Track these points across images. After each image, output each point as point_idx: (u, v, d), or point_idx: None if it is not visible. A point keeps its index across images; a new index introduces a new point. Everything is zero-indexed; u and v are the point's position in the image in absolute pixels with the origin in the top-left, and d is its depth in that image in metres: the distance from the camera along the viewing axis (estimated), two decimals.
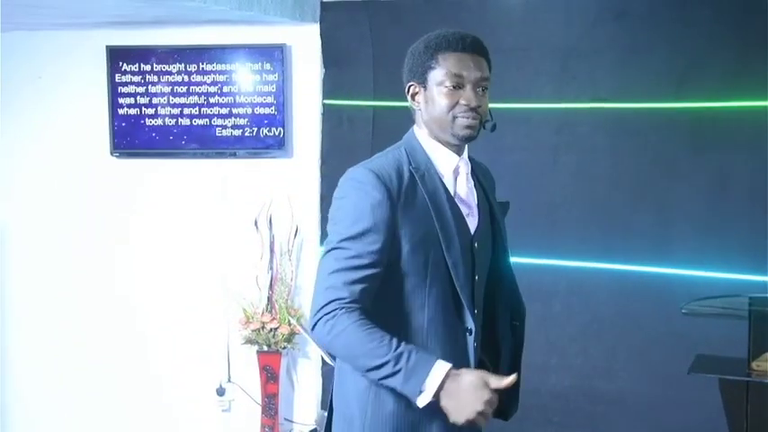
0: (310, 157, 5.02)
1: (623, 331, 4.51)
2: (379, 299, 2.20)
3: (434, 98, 2.27)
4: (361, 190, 2.19)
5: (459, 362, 2.20)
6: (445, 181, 2.30)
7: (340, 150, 4.88)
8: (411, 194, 2.22)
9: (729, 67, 4.36)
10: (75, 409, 5.33)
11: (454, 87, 2.26)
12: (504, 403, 2.37)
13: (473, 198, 2.36)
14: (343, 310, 2.11)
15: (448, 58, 2.26)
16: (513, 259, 2.49)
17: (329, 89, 4.96)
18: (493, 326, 2.43)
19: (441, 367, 2.09)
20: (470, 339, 2.28)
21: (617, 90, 4.53)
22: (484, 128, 2.31)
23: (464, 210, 2.32)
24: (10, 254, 5.40)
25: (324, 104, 4.98)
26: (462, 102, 2.26)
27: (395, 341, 2.09)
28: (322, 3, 4.96)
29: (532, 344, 4.50)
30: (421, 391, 2.08)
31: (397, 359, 2.08)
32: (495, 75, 2.41)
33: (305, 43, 5.00)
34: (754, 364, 3.87)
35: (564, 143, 4.62)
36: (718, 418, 4.11)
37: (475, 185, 2.39)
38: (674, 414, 4.39)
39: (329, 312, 2.12)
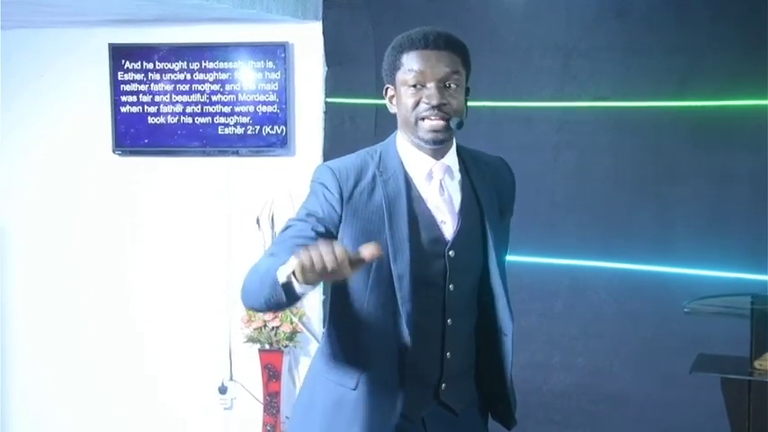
0: (313, 155, 5.02)
1: (625, 330, 4.51)
2: (334, 291, 2.28)
3: (401, 98, 2.26)
4: (316, 183, 2.27)
5: (385, 375, 2.23)
6: (418, 185, 2.27)
7: (342, 148, 4.81)
8: (367, 197, 2.22)
9: (730, 65, 4.35)
10: (77, 407, 5.33)
11: (416, 86, 2.23)
12: (500, 410, 2.41)
13: (453, 204, 2.30)
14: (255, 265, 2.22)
15: (410, 56, 2.24)
16: (514, 258, 2.46)
17: (331, 87, 4.96)
18: (484, 333, 2.38)
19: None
20: (402, 355, 2.24)
21: (618, 89, 4.53)
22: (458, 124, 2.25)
23: (438, 216, 2.28)
24: (11, 253, 5.41)
25: (326, 102, 4.98)
26: (424, 100, 2.22)
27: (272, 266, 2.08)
28: (324, 1, 4.96)
29: (534, 343, 4.57)
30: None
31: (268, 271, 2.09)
32: (496, 74, 2.41)
33: (307, 41, 5.00)
34: (756, 363, 3.87)
35: (565, 142, 4.61)
36: (720, 417, 4.12)
37: (464, 188, 2.33)
38: (675, 413, 4.38)
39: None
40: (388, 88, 2.33)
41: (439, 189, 2.29)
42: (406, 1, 4.80)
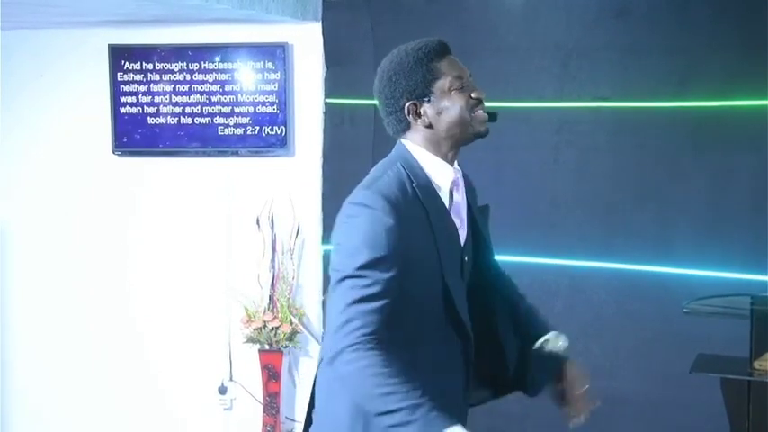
0: (312, 155, 5.03)
1: (624, 330, 4.51)
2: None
3: (447, 105, 2.25)
4: (372, 215, 2.14)
5: (454, 373, 2.24)
6: (441, 195, 2.29)
7: (342, 149, 4.89)
8: (414, 211, 2.20)
9: (730, 66, 4.35)
10: (77, 407, 5.33)
11: (459, 89, 2.27)
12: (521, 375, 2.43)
13: (464, 210, 2.35)
14: (365, 344, 2.05)
15: (443, 64, 2.28)
16: (515, 258, 2.49)
17: (331, 88, 4.96)
18: (493, 331, 2.40)
19: (458, 428, 2.02)
20: (468, 365, 2.30)
21: (618, 89, 4.53)
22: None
23: (457, 222, 2.31)
24: (11, 253, 5.41)
25: (326, 103, 4.98)
26: (474, 96, 2.27)
27: (414, 391, 2.02)
28: (324, 1, 4.96)
29: None
30: None
31: (414, 409, 2.00)
32: (496, 74, 2.43)
33: (307, 42, 5.00)
34: (755, 364, 3.87)
35: (565, 142, 4.61)
36: (720, 417, 4.12)
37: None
38: (675, 413, 4.38)
39: (352, 345, 2.05)
40: (413, 104, 2.27)
41: (461, 198, 2.33)
42: (405, 1, 4.81)
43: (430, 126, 2.28)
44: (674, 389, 4.35)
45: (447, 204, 2.30)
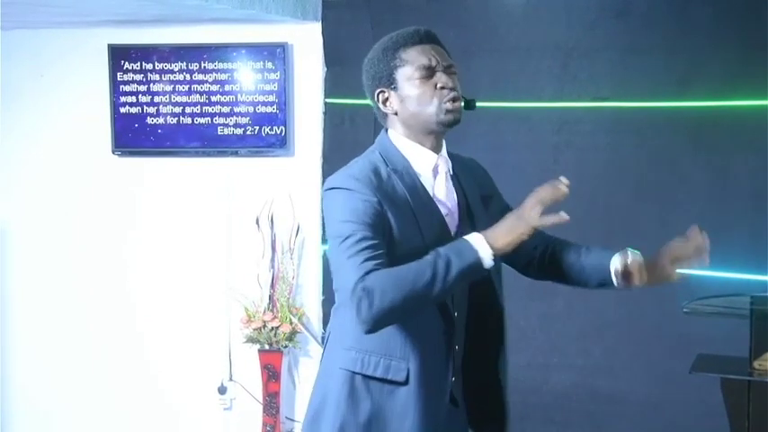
0: (312, 155, 5.03)
1: (624, 330, 4.51)
2: None
3: (409, 94, 2.29)
4: (346, 194, 2.21)
5: (435, 353, 2.24)
6: (423, 180, 2.30)
7: (342, 149, 4.88)
8: (392, 193, 2.23)
9: (730, 66, 4.36)
10: (77, 407, 5.33)
11: (425, 78, 2.27)
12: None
13: (453, 198, 2.35)
14: (369, 279, 2.09)
15: (409, 52, 2.29)
16: None
17: (331, 88, 4.96)
18: (483, 324, 2.39)
19: (472, 233, 2.14)
20: (450, 339, 2.28)
21: (617, 89, 4.53)
22: (465, 108, 2.32)
23: (443, 209, 2.31)
24: (11, 253, 5.40)
25: (325, 103, 4.99)
26: (439, 85, 2.27)
27: (424, 258, 2.10)
28: (324, 1, 4.97)
29: (534, 343, 4.57)
30: (476, 251, 2.10)
31: (437, 255, 2.09)
32: (496, 74, 2.42)
33: (307, 42, 5.00)
34: (755, 364, 3.86)
35: (564, 142, 4.62)
36: (720, 417, 4.10)
37: (454, 185, 2.37)
38: (675, 413, 4.39)
39: (361, 290, 2.09)
40: (381, 92, 2.34)
41: (444, 183, 2.34)
42: (405, 1, 4.81)
43: (396, 114, 2.32)
44: (674, 389, 4.35)
45: (431, 191, 2.31)
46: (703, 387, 4.10)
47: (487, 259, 2.11)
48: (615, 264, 2.40)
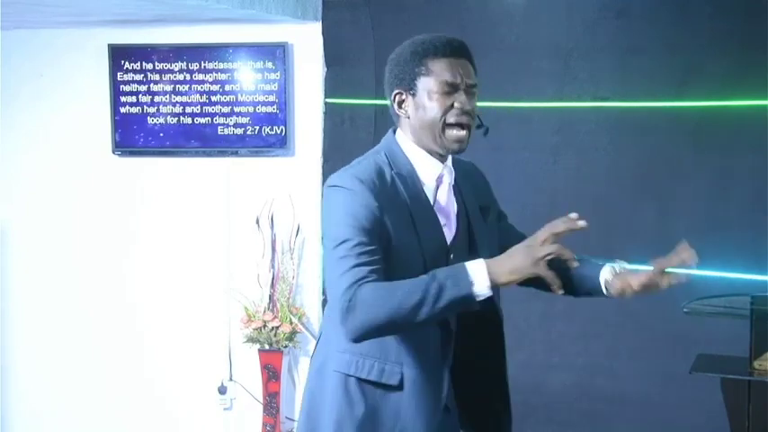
0: (312, 155, 5.03)
1: (624, 330, 4.51)
2: None
3: (425, 105, 2.26)
4: (347, 194, 2.19)
5: (430, 361, 2.23)
6: (426, 189, 2.29)
7: (342, 149, 4.88)
8: (393, 198, 2.22)
9: (730, 66, 4.36)
10: (77, 407, 5.33)
11: (445, 93, 2.24)
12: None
13: (452, 207, 2.34)
14: (358, 290, 2.08)
15: (437, 63, 2.25)
16: None
17: (331, 88, 4.96)
18: (482, 330, 2.38)
19: (476, 260, 2.09)
20: (446, 345, 2.28)
21: (618, 89, 4.53)
22: (480, 130, 2.30)
23: (442, 219, 2.30)
24: (11, 253, 5.40)
25: (326, 103, 4.99)
26: (456, 105, 2.24)
27: (419, 279, 2.08)
28: (324, 1, 4.96)
29: (534, 343, 4.57)
30: (472, 283, 2.06)
31: (432, 278, 2.06)
32: (496, 74, 2.42)
33: (307, 42, 5.00)
34: (755, 364, 3.87)
35: (564, 142, 4.62)
36: (720, 417, 4.11)
37: (455, 194, 2.36)
38: (675, 413, 4.39)
39: (348, 301, 2.08)
40: (398, 93, 2.30)
41: (446, 193, 2.32)
42: (406, 1, 4.81)
43: (408, 118, 2.30)
44: (675, 388, 4.35)
45: (432, 199, 2.30)
46: (703, 387, 4.10)
47: (483, 291, 2.07)
48: (605, 275, 2.44)
